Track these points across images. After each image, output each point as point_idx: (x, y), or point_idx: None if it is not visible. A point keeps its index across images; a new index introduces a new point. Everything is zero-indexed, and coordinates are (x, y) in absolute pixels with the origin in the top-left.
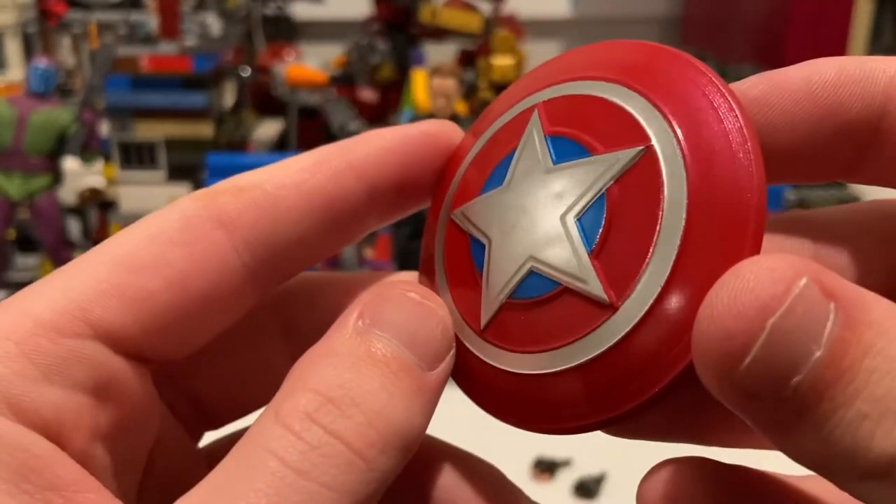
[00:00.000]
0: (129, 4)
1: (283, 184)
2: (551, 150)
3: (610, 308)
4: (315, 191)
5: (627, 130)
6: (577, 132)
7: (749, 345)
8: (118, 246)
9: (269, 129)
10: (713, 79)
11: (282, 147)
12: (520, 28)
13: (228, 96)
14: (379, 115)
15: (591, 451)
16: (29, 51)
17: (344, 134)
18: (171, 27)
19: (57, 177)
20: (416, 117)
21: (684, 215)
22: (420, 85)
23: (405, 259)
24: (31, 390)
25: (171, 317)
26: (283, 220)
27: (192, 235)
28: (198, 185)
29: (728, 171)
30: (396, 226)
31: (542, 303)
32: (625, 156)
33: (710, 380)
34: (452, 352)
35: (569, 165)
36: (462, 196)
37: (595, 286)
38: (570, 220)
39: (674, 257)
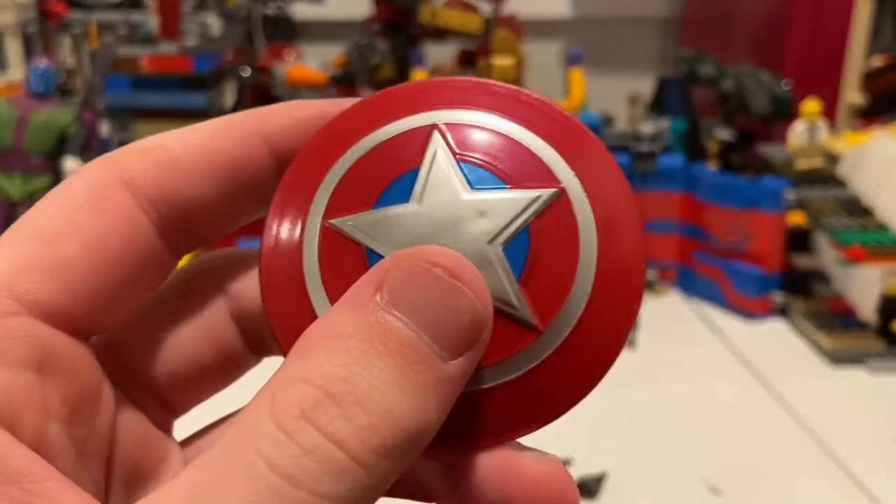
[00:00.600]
0: (130, 5)
1: (187, 144)
2: (466, 175)
3: (536, 332)
4: (220, 152)
5: (534, 166)
6: (488, 162)
7: None
8: (29, 221)
9: None
10: (595, 138)
11: None
12: (520, 28)
13: (229, 96)
14: None
15: (591, 450)
16: (29, 51)
17: None
18: (171, 27)
19: (58, 177)
20: None
21: (596, 254)
22: None
23: None
24: None
25: (96, 280)
26: (185, 179)
27: (99, 198)
28: None
29: (624, 215)
30: None
31: None
32: (545, 194)
33: None
34: (484, 338)
35: (487, 194)
36: (342, 206)
37: (524, 311)
38: (497, 247)
39: (589, 291)
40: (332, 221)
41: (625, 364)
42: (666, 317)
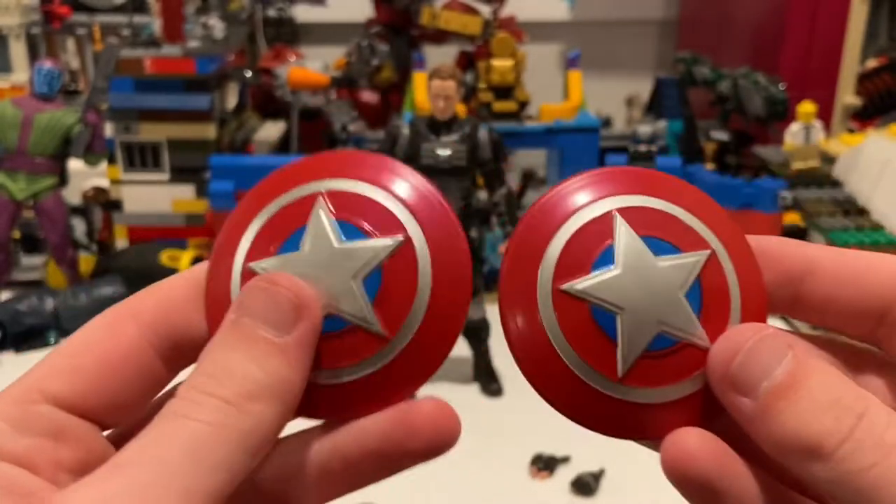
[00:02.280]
0: (133, 7)
1: (176, 284)
2: (339, 231)
3: (385, 340)
4: (199, 287)
5: (390, 222)
6: (356, 219)
7: (736, 354)
8: (68, 340)
9: (271, 130)
10: (436, 195)
11: (284, 149)
12: (518, 30)
13: (231, 98)
14: (379, 117)
15: (589, 448)
16: (34, 53)
17: (345, 135)
18: (174, 30)
19: (62, 178)
20: (416, 118)
21: (430, 284)
22: (421, 87)
23: None
24: (8, 440)
25: (98, 383)
26: (175, 310)
27: (113, 326)
28: (201, 185)
29: (453, 255)
30: None
31: (337, 335)
32: (393, 241)
33: (714, 379)
34: (308, 318)
35: (354, 243)
36: (256, 253)
37: (376, 326)
38: (359, 281)
39: (425, 309)
40: (249, 265)
41: None
42: None
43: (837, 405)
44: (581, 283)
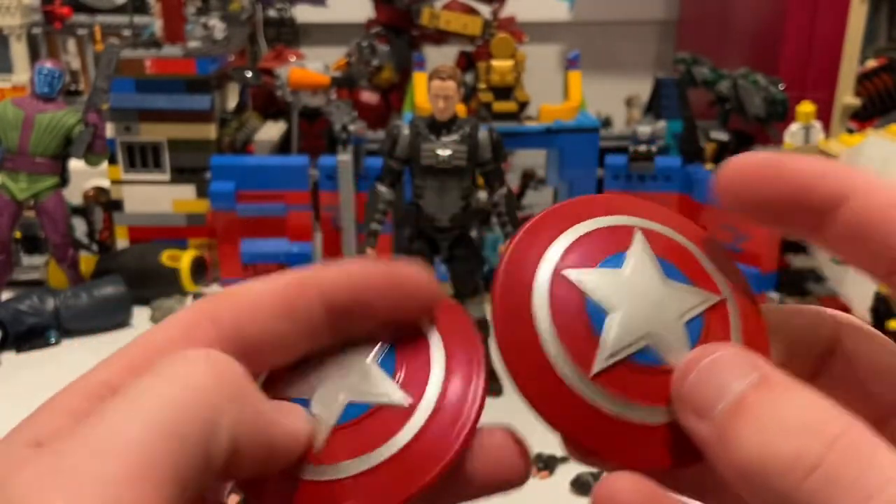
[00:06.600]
0: (134, 8)
1: (259, 291)
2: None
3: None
4: (282, 299)
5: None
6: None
7: (690, 372)
8: (143, 337)
9: (271, 130)
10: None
11: (285, 149)
12: (518, 31)
13: (232, 98)
14: (380, 117)
15: None
16: (35, 53)
17: (345, 135)
18: (174, 30)
19: (64, 178)
20: (416, 119)
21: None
22: (421, 87)
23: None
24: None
25: None
26: (253, 317)
27: (192, 329)
28: (201, 186)
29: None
30: (397, 226)
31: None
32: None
33: (673, 402)
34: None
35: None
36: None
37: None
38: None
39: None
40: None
41: None
42: None
43: (809, 426)
44: (583, 274)
